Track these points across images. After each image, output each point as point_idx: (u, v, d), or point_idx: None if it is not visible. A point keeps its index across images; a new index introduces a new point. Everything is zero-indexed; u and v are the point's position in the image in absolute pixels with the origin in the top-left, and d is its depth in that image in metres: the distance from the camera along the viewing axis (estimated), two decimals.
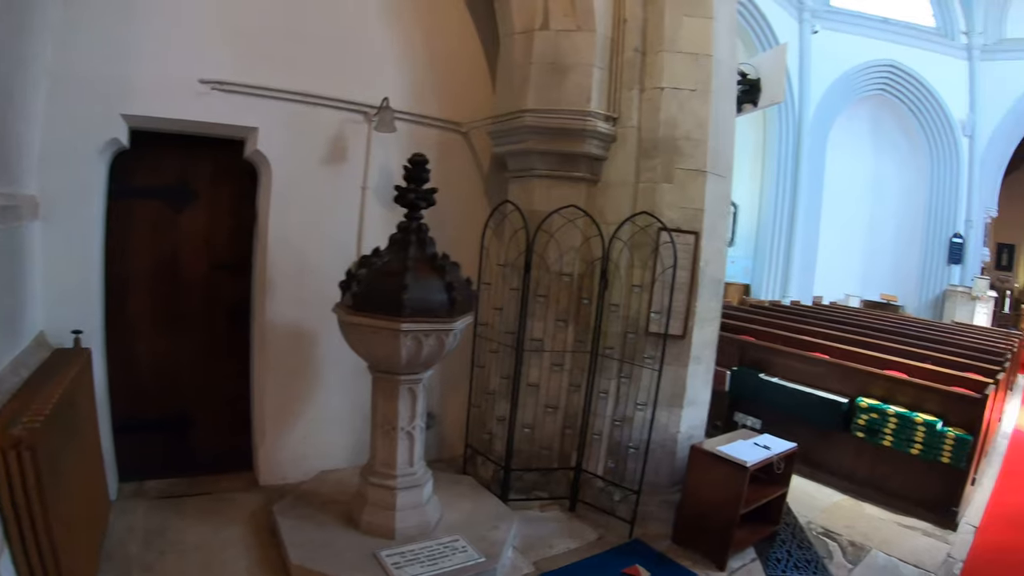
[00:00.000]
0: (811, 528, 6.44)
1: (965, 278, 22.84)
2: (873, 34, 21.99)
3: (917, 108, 22.97)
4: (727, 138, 6.16)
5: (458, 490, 5.94)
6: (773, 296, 20.35)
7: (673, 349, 5.83)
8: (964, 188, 22.91)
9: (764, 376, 8.32)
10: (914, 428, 6.96)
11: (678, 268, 5.67)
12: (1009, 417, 12.58)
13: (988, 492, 8.12)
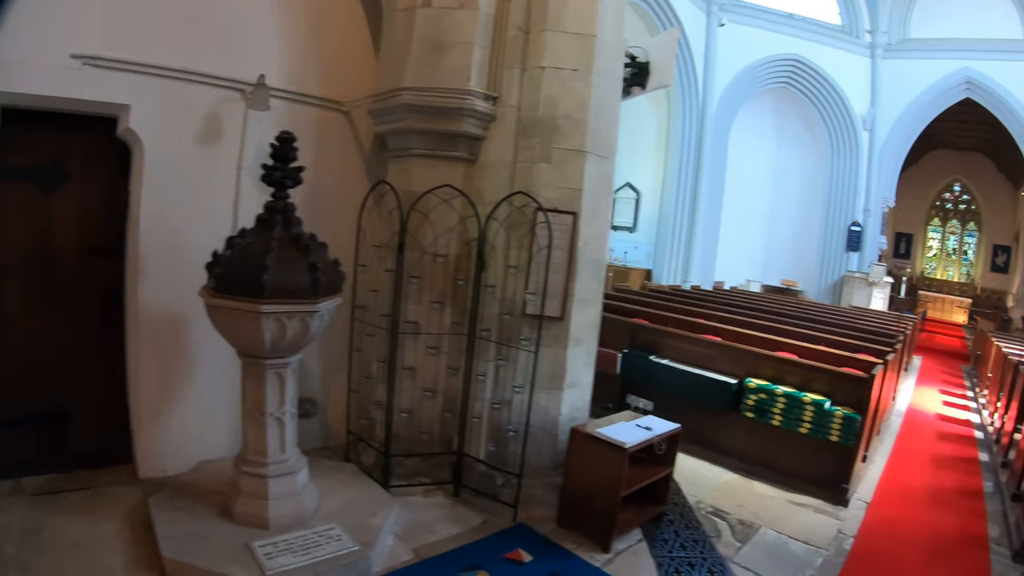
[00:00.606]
0: (700, 507, 6.42)
1: (863, 265, 23.64)
2: (779, 29, 22.60)
3: (820, 102, 23.74)
4: (610, 119, 6.07)
5: (339, 477, 5.75)
6: (675, 281, 20.66)
7: (551, 331, 5.74)
8: (863, 179, 23.82)
9: (654, 358, 8.31)
10: (802, 407, 7.02)
11: (555, 249, 5.57)
12: (904, 396, 12.91)
13: (880, 469, 8.29)
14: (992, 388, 12.19)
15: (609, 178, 6.15)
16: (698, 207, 21.61)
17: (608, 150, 6.04)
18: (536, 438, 5.79)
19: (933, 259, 35.90)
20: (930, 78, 23.68)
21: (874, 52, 24.16)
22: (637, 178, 22.08)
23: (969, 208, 35.06)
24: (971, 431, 11.01)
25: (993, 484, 8.26)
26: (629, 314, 9.83)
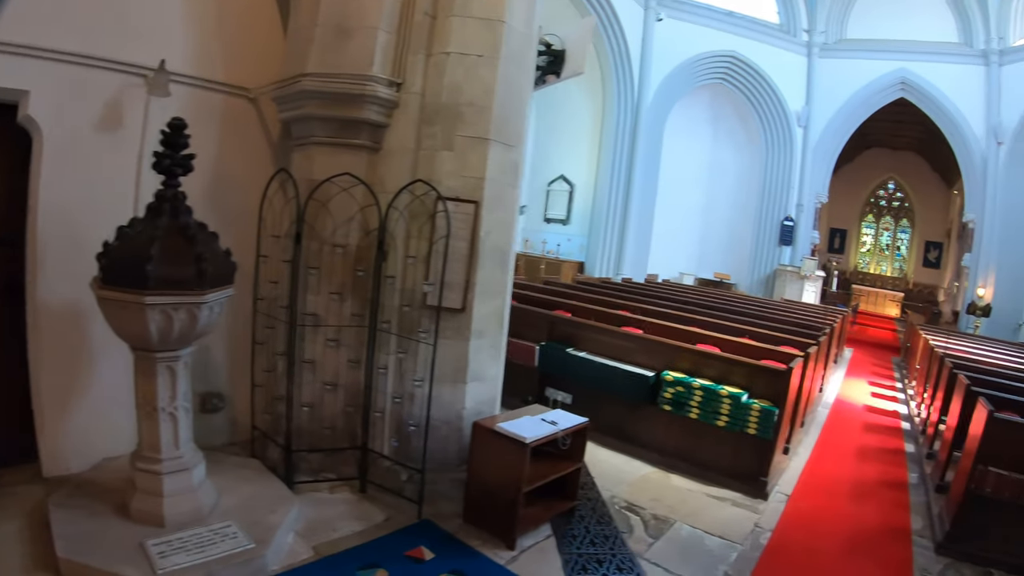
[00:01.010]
0: (614, 502, 6.29)
1: (795, 259, 23.99)
2: (717, 25, 22.83)
3: (755, 98, 24.01)
4: (517, 107, 5.91)
5: (242, 474, 5.55)
6: (608, 273, 20.76)
7: (452, 323, 5.58)
8: (796, 175, 24.20)
9: (572, 351, 8.19)
10: (720, 400, 6.95)
11: (456, 239, 5.41)
12: (833, 388, 12.98)
13: (804, 461, 8.26)
14: (920, 380, 12.28)
15: (516, 166, 5.98)
16: (631, 200, 21.69)
17: (515, 138, 5.88)
18: (441, 432, 5.64)
19: (867, 254, 36.80)
20: (865, 78, 24.08)
21: (811, 51, 24.56)
22: (571, 171, 22.09)
23: (903, 205, 36.03)
24: (898, 422, 11.09)
25: (918, 475, 8.28)
26: (551, 306, 9.73)
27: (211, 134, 5.85)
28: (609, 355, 7.95)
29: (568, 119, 21.97)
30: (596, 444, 7.56)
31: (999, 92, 21.99)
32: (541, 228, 22.10)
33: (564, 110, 21.92)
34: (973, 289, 22.22)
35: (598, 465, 6.95)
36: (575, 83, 20.92)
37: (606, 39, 20.55)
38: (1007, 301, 21.40)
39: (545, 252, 21.28)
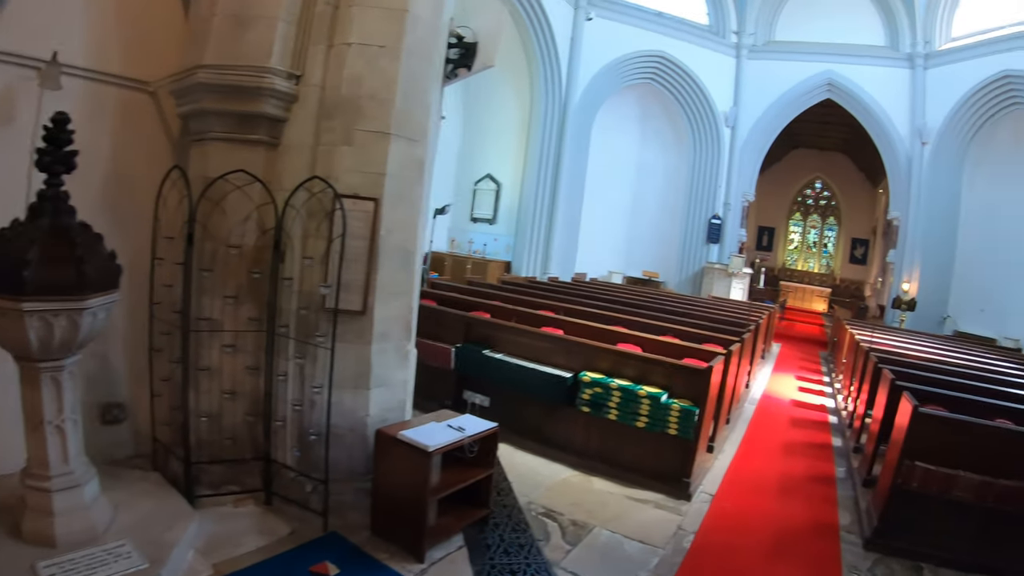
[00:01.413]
0: (531, 508, 6.08)
1: (723, 256, 24.22)
2: (647, 26, 22.96)
3: (684, 98, 24.19)
4: (422, 100, 5.67)
5: (142, 488, 5.23)
6: (535, 273, 20.68)
7: (353, 326, 5.31)
8: (724, 174, 24.45)
9: (488, 352, 8.00)
10: (638, 401, 6.81)
11: (355, 238, 5.16)
12: (760, 383, 13.00)
13: (729, 459, 8.16)
14: (846, 374, 12.40)
15: (420, 162, 5.71)
16: (558, 199, 21.62)
17: (419, 132, 5.63)
18: (346, 441, 5.38)
19: (795, 251, 37.66)
20: (793, 79, 24.40)
21: (739, 52, 24.85)
22: (498, 170, 21.92)
23: (829, 204, 36.97)
24: (825, 416, 11.14)
25: (845, 470, 8.27)
26: (472, 307, 9.54)
27: (106, 130, 5.55)
28: (527, 356, 7.79)
29: (496, 118, 21.82)
30: (515, 447, 7.41)
31: (924, 94, 22.56)
32: (468, 227, 21.89)
33: (492, 109, 21.81)
34: (898, 284, 22.69)
35: (516, 469, 6.76)
36: (503, 81, 20.91)
37: (534, 38, 20.50)
38: (931, 295, 21.94)
39: (471, 252, 21.08)
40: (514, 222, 21.48)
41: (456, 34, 6.62)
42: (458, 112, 21.88)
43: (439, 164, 19.28)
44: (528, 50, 20.69)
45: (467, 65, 6.70)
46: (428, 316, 8.53)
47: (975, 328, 20.87)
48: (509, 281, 15.19)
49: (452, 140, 21.71)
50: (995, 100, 20.61)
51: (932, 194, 22.08)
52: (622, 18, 22.79)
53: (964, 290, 21.77)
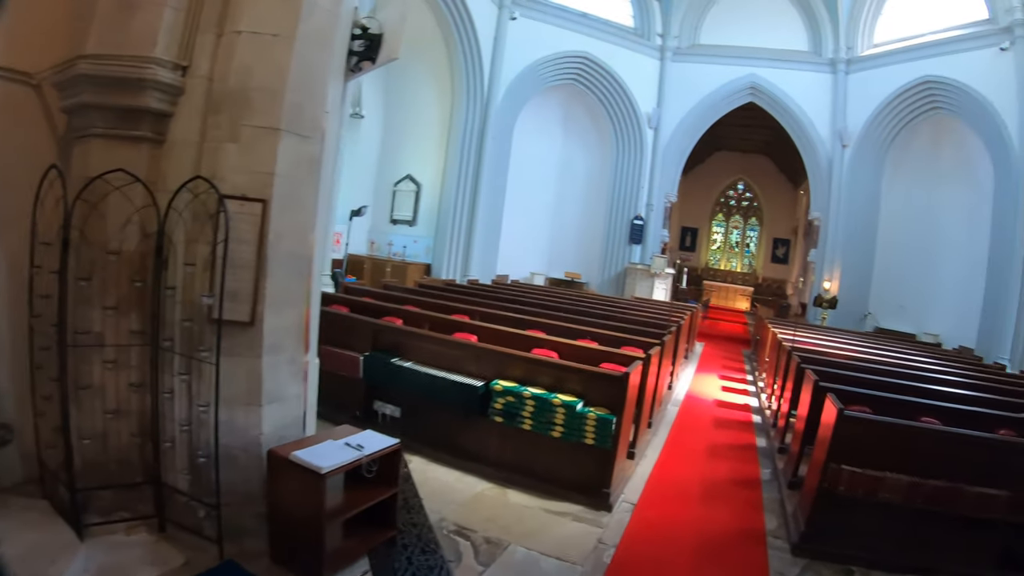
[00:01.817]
0: (443, 526, 5.76)
1: (645, 257, 24.29)
2: (572, 27, 22.97)
3: (607, 100, 24.26)
4: (317, 93, 5.27)
5: (27, 518, 4.82)
6: (455, 275, 20.51)
7: (241, 338, 4.88)
8: (647, 175, 24.58)
9: (397, 361, 7.65)
10: (553, 410, 6.54)
11: (241, 243, 4.74)
12: (683, 384, 12.94)
13: (651, 465, 7.95)
14: (769, 372, 12.39)
15: (313, 161, 5.30)
16: (479, 200, 21.39)
17: (312, 128, 5.22)
18: (240, 462, 4.96)
19: (718, 251, 38.42)
20: (716, 82, 24.65)
21: (664, 55, 25.00)
22: (418, 170, 21.51)
23: (751, 205, 37.83)
24: (749, 416, 11.09)
25: (770, 471, 8.17)
26: (385, 313, 9.20)
27: None
28: (438, 365, 7.45)
29: (417, 117, 21.48)
30: (428, 460, 7.11)
31: (845, 99, 23.12)
32: (387, 229, 21.48)
33: (413, 108, 21.47)
34: (819, 283, 23.10)
35: (428, 484, 6.43)
36: (425, 80, 20.74)
37: (457, 36, 20.23)
38: (852, 293, 22.43)
39: (391, 254, 20.74)
40: (434, 224, 21.16)
41: (360, 25, 6.27)
42: (379, 111, 21.52)
43: (359, 165, 19.03)
44: (451, 48, 20.45)
45: (372, 58, 6.35)
46: (336, 323, 8.27)
47: (896, 324, 21.46)
48: (427, 284, 14.86)
49: (372, 140, 21.43)
50: (915, 105, 21.16)
51: (852, 195, 22.58)
52: (546, 18, 22.74)
53: (884, 287, 22.32)
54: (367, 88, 20.48)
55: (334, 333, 7.97)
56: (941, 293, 20.59)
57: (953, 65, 19.51)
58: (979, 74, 18.53)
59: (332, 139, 5.75)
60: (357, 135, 20.40)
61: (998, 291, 17.15)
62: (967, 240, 19.64)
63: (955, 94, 19.49)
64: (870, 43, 22.99)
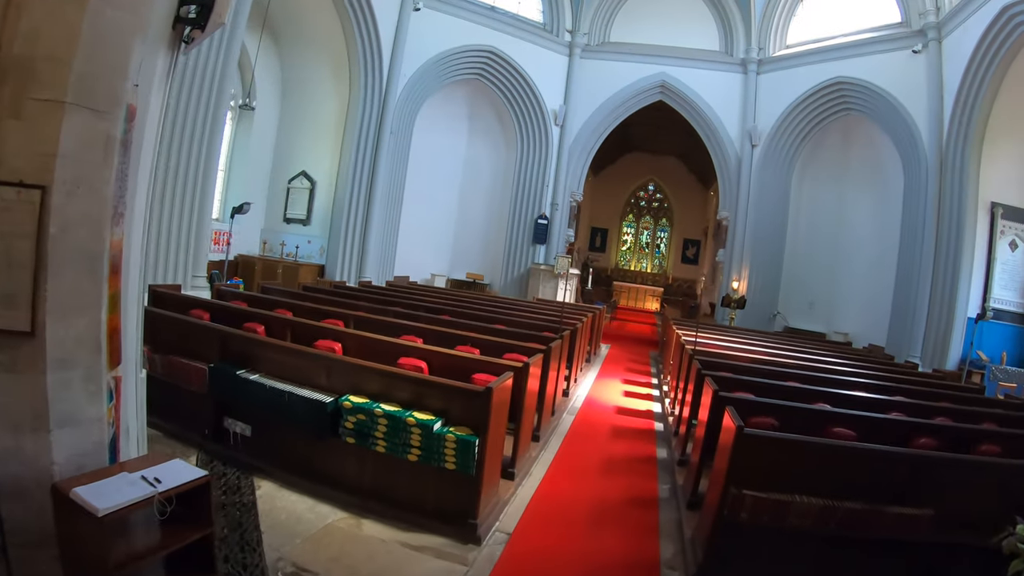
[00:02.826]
0: (280, 568, 4.96)
1: (550, 257, 24.00)
2: (478, 20, 22.56)
3: (512, 95, 23.90)
4: (117, 62, 4.35)
5: None
6: (349, 277, 19.77)
7: (22, 351, 3.98)
8: (552, 173, 24.35)
9: (244, 373, 6.78)
10: (407, 430, 5.74)
11: (17, 237, 3.85)
12: (583, 389, 12.38)
13: (535, 485, 7.21)
14: (673, 375, 11.94)
15: (110, 140, 4.37)
16: (375, 198, 20.61)
17: (110, 102, 4.31)
18: (33, 497, 4.06)
19: (627, 252, 38.88)
20: (625, 80, 24.51)
21: (572, 51, 24.79)
22: (313, 166, 20.49)
23: (662, 206, 38.51)
24: (651, 423, 10.53)
25: (669, 487, 7.56)
26: (250, 319, 8.34)
27: None
28: (288, 377, 6.61)
29: (314, 111, 20.51)
30: (280, 485, 6.27)
31: (756, 98, 23.32)
32: (281, 229, 20.39)
33: (310, 101, 20.41)
34: (728, 282, 23.13)
35: (275, 514, 5.60)
36: (323, 72, 20.02)
37: (356, 25, 19.33)
38: (761, 292, 22.62)
39: (284, 255, 19.72)
40: (329, 223, 20.27)
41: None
42: (275, 104, 20.47)
43: (252, 160, 18.08)
44: (348, 39, 19.57)
45: (201, 26, 5.55)
46: (183, 330, 7.52)
47: (805, 324, 21.80)
48: (310, 287, 13.97)
49: (267, 134, 20.39)
50: (827, 105, 21.40)
51: (761, 194, 22.72)
52: (452, 10, 22.23)
53: (793, 287, 22.61)
54: (261, 79, 19.52)
55: (181, 341, 7.23)
56: (851, 292, 20.91)
57: (866, 67, 19.80)
58: (891, 76, 18.80)
59: (150, 117, 4.93)
60: (249, 128, 19.58)
61: (907, 289, 17.35)
62: (876, 238, 19.90)
63: (867, 95, 19.74)
64: (783, 44, 23.24)
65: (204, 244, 12.93)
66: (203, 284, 12.73)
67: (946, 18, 17.16)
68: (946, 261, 16.08)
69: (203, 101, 12.63)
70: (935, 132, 16.86)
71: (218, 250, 16.60)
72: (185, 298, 9.54)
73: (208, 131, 12.78)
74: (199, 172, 12.60)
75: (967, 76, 15.57)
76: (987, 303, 15.61)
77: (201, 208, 12.75)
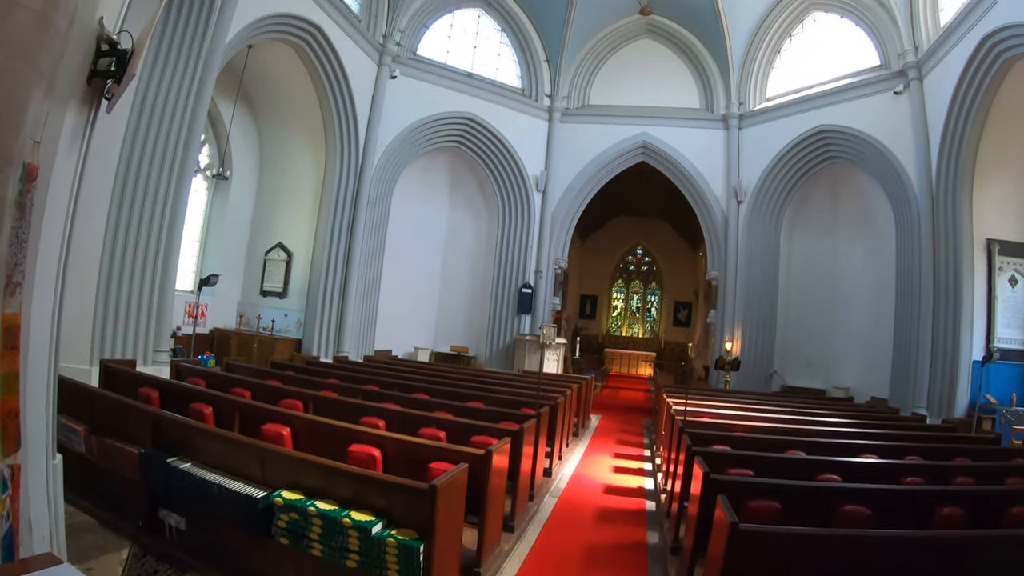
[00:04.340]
0: None
1: (535, 327, 23.50)
2: (456, 87, 22.62)
3: (493, 162, 23.81)
4: (11, 116, 3.75)
5: None
6: (326, 352, 19.25)
7: None
8: (535, 240, 24.08)
9: (175, 461, 6.00)
10: (344, 533, 4.91)
11: None
12: (569, 467, 11.56)
13: None
14: (665, 446, 11.25)
15: (3, 203, 3.78)
16: (352, 270, 20.12)
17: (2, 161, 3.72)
18: None
19: (618, 317, 38.92)
20: (606, 142, 24.46)
21: (552, 116, 24.78)
22: (290, 238, 20.00)
23: (651, 269, 38.84)
24: (643, 502, 9.68)
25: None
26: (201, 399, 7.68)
27: None
28: (223, 467, 5.84)
29: (290, 181, 20.12)
30: None
31: (739, 154, 23.22)
32: (257, 302, 19.79)
33: (287, 170, 20.01)
34: (720, 344, 22.62)
35: None
36: (299, 142, 19.79)
37: (331, 94, 19.01)
38: (756, 352, 22.12)
39: (260, 329, 19.02)
40: (305, 296, 19.73)
41: (108, 39, 4.90)
42: (252, 173, 20.08)
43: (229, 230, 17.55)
44: (324, 107, 19.24)
45: (118, 78, 4.98)
46: (120, 411, 6.92)
47: (803, 381, 21.32)
48: (280, 364, 13.29)
49: (244, 205, 19.97)
50: (811, 155, 21.30)
51: (750, 251, 22.43)
52: (429, 77, 22.25)
53: (789, 344, 22.15)
54: (238, 148, 19.20)
55: (118, 423, 6.66)
56: (849, 345, 20.53)
57: (848, 113, 19.73)
58: (874, 120, 18.75)
59: (58, 178, 4.33)
60: (226, 198, 19.16)
61: (907, 337, 16.94)
62: (872, 288, 19.63)
63: (851, 142, 19.65)
64: (763, 97, 23.23)
65: (166, 317, 12.27)
66: (165, 359, 12.04)
67: (925, 56, 17.17)
68: (946, 304, 15.65)
69: (166, 168, 12.07)
70: (923, 173, 16.67)
71: (191, 323, 15.98)
72: (136, 375, 9.00)
73: (171, 199, 12.19)
74: (161, 241, 11.97)
75: (952, 112, 15.39)
76: (991, 344, 15.11)
77: (164, 279, 12.10)
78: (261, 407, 7.57)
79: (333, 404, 8.59)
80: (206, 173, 18.50)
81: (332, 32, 18.18)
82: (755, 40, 23.13)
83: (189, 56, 12.46)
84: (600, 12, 24.39)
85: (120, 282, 11.32)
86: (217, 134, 18.40)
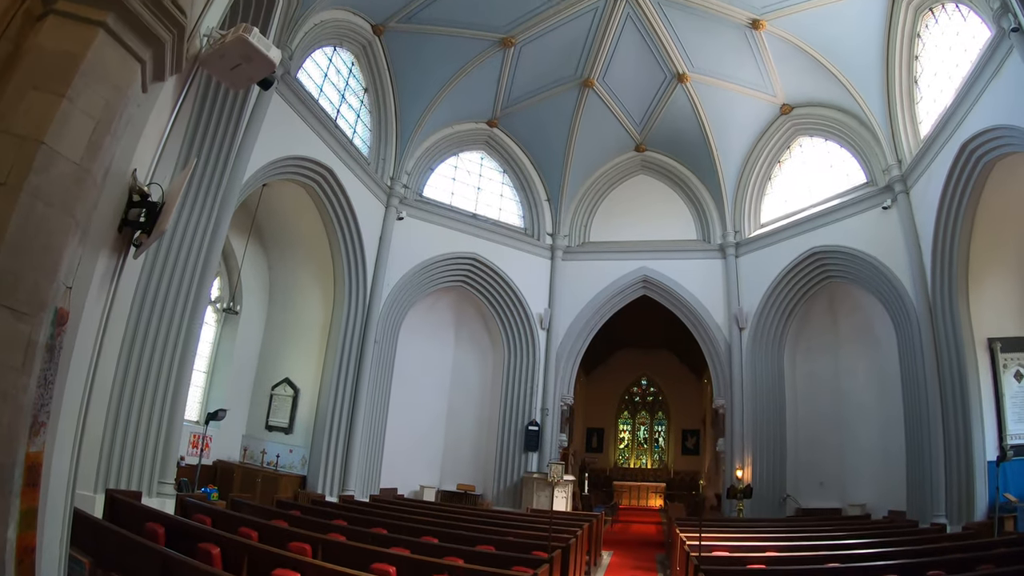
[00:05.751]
0: None
1: (542, 464, 23.08)
2: (461, 227, 23.13)
3: (497, 301, 24.17)
4: (46, 262, 3.91)
5: None
6: (330, 491, 18.86)
7: None
8: (540, 378, 24.05)
9: None
10: None
11: None
12: None
13: None
14: None
15: (30, 344, 3.68)
16: (359, 408, 19.99)
17: (33, 304, 3.75)
18: None
19: (626, 449, 38.49)
20: (608, 278, 24.83)
21: (554, 254, 25.32)
22: (297, 374, 19.90)
23: (657, 399, 38.77)
24: None
25: None
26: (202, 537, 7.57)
27: None
28: None
29: (298, 318, 20.30)
30: None
31: (738, 281, 23.61)
32: (263, 436, 19.49)
33: (295, 308, 20.31)
34: (731, 472, 22.28)
35: None
36: (308, 279, 20.12)
37: (340, 234, 19.46)
38: (767, 478, 21.65)
39: (264, 463, 18.76)
40: (311, 432, 19.50)
41: (140, 190, 5.07)
42: (261, 308, 20.31)
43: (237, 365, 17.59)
44: (334, 247, 19.66)
45: (148, 231, 5.14)
46: (127, 546, 6.82)
47: (818, 502, 20.74)
48: (286, 502, 13.10)
49: (252, 340, 20.04)
50: (808, 277, 21.66)
51: (755, 377, 22.40)
52: (435, 218, 22.91)
53: (800, 466, 21.75)
54: (248, 284, 19.47)
55: (124, 557, 6.58)
56: (861, 461, 20.12)
57: (840, 232, 20.23)
58: (866, 236, 19.26)
59: (86, 321, 4.41)
60: (235, 332, 19.24)
61: (919, 446, 16.66)
62: (879, 401, 19.45)
63: (846, 259, 20.10)
64: (757, 223, 23.84)
65: (173, 449, 12.12)
66: (170, 492, 11.82)
67: (909, 169, 17.76)
68: (954, 408, 15.48)
69: (180, 301, 12.23)
70: (919, 282, 16.89)
71: (195, 454, 15.80)
72: (143, 509, 8.96)
73: (184, 333, 12.29)
74: (172, 374, 11.98)
75: (940, 219, 15.73)
76: (1004, 442, 14.73)
77: (172, 411, 12.03)
78: (270, 551, 7.43)
79: (342, 548, 8.43)
80: (216, 306, 18.70)
81: (343, 174, 18.79)
82: (746, 169, 23.90)
83: (208, 194, 12.83)
84: (597, 151, 25.26)
85: (130, 411, 11.28)
86: (229, 268, 18.67)
